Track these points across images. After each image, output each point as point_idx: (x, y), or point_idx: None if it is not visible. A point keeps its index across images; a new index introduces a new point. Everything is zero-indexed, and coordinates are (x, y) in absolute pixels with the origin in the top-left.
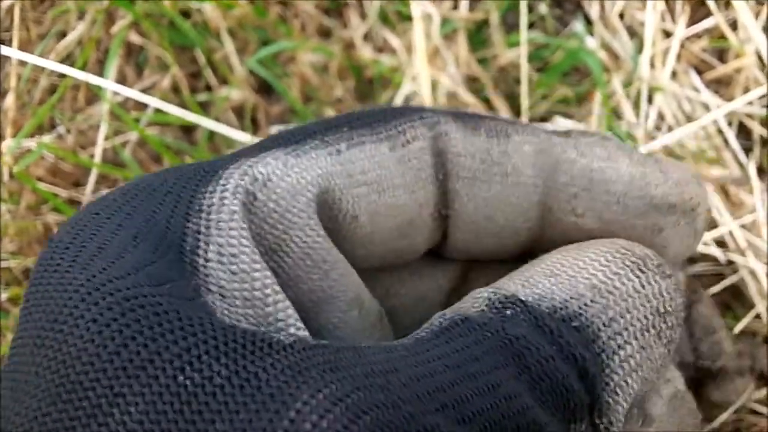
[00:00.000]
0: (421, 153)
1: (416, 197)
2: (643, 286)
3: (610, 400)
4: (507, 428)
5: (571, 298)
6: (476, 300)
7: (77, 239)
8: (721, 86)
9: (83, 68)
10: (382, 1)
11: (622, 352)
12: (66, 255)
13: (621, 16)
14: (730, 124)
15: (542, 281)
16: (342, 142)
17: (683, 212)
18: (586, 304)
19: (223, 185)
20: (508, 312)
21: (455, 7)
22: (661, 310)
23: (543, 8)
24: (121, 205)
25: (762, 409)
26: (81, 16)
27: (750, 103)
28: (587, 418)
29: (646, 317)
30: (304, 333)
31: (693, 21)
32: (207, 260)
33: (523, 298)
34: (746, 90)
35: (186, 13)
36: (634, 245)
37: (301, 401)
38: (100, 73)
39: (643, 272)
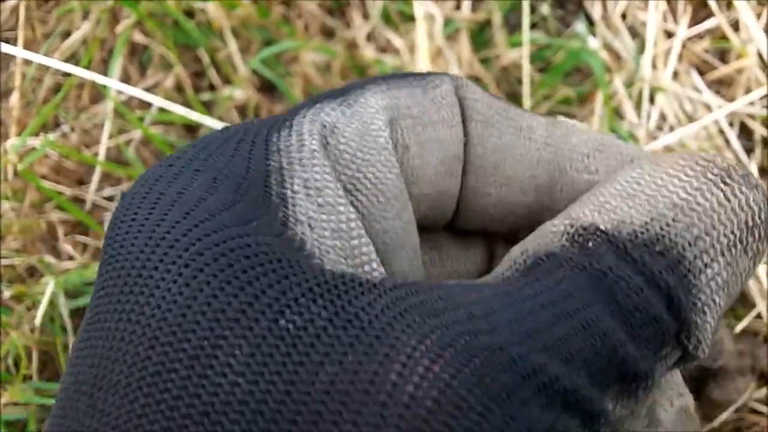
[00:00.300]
0: (449, 94)
1: (455, 132)
2: (728, 199)
3: (698, 320)
4: (604, 365)
5: (652, 219)
6: (555, 234)
7: (154, 189)
8: (723, 86)
9: (88, 67)
10: (385, 1)
11: (709, 271)
12: (143, 205)
13: (623, 16)
14: (731, 124)
15: (620, 205)
16: (383, 85)
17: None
18: (668, 224)
19: (297, 130)
20: (590, 244)
21: (458, 7)
22: (750, 223)
23: (545, 9)
24: (196, 154)
25: (762, 408)
26: (85, 15)
27: (751, 103)
28: (674, 342)
29: (733, 232)
30: (382, 272)
31: (695, 21)
32: (294, 192)
33: (602, 228)
34: (748, 90)
35: (190, 13)
36: (716, 157)
37: (410, 346)
38: (105, 72)
39: (727, 184)
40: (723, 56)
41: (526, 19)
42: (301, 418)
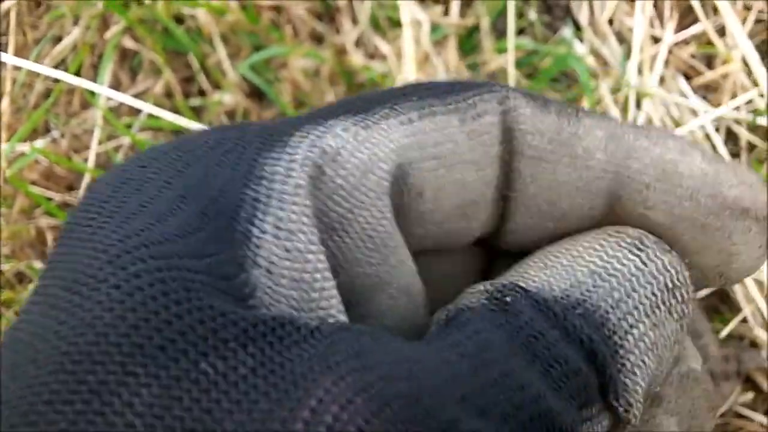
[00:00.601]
0: (491, 128)
1: (483, 175)
2: (645, 264)
3: (628, 381)
4: (523, 418)
5: (571, 286)
6: (473, 294)
7: (118, 193)
8: (710, 92)
9: (77, 73)
10: (373, 7)
11: (635, 332)
12: (103, 210)
13: (610, 22)
14: (717, 129)
15: (537, 274)
16: (413, 111)
17: (755, 219)
18: (588, 290)
19: (290, 154)
20: (509, 299)
21: (446, 12)
22: (669, 285)
23: (532, 14)
24: (172, 160)
25: (748, 412)
26: (76, 21)
27: (737, 108)
28: (600, 402)
29: (654, 294)
30: (343, 320)
31: (681, 27)
32: (263, 232)
33: (522, 286)
34: (734, 96)
35: (179, 19)
36: (626, 228)
37: (323, 388)
38: (95, 77)
39: (641, 250)
40: (709, 62)
41: (511, 25)
42: None
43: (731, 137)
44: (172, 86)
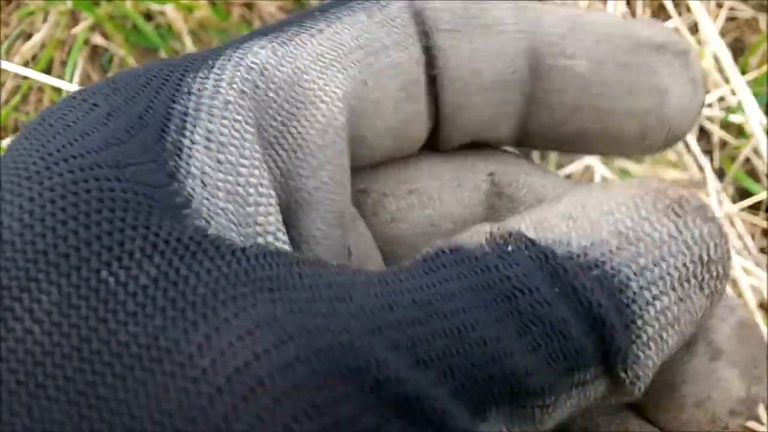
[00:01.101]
0: (400, 12)
1: (410, 54)
2: (680, 231)
3: (641, 354)
4: (476, 376)
5: (593, 244)
6: (477, 232)
7: (46, 120)
8: None
9: (48, 70)
10: None
11: (658, 303)
12: (31, 134)
13: None
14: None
15: (559, 224)
16: (320, 22)
17: (674, 53)
18: (611, 251)
19: (218, 74)
20: (510, 248)
21: None
22: (704, 258)
23: None
24: (102, 87)
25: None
26: (46, 17)
27: (709, 105)
28: (598, 368)
29: (685, 265)
30: (282, 242)
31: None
32: (193, 142)
33: (530, 237)
34: (706, 92)
35: (149, 16)
36: (668, 185)
37: (223, 317)
38: (66, 75)
39: (679, 216)
40: None
41: None
42: (81, 377)
43: (704, 135)
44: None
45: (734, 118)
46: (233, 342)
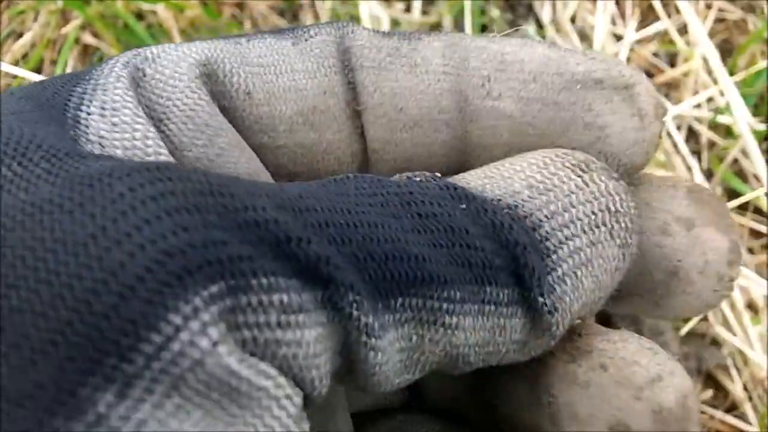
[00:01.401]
0: (324, 44)
1: (318, 83)
2: (587, 184)
3: (557, 287)
4: (370, 251)
5: (506, 194)
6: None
7: None
8: (672, 89)
9: (37, 69)
10: (334, 3)
11: (570, 243)
12: None
13: (572, 19)
14: (679, 128)
15: (473, 179)
16: (243, 38)
17: (614, 88)
18: (523, 199)
19: (113, 61)
20: (418, 179)
21: (407, 9)
22: (612, 208)
23: (494, 12)
24: (29, 85)
25: (709, 410)
26: (37, 16)
27: (698, 106)
28: (513, 289)
29: (593, 212)
30: None
31: (643, 25)
32: (89, 114)
33: (437, 173)
34: (695, 93)
35: (141, 15)
36: (575, 151)
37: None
38: (56, 74)
39: (585, 171)
40: (672, 60)
41: (468, 23)
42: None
43: (692, 135)
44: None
45: (722, 119)
46: (110, 183)
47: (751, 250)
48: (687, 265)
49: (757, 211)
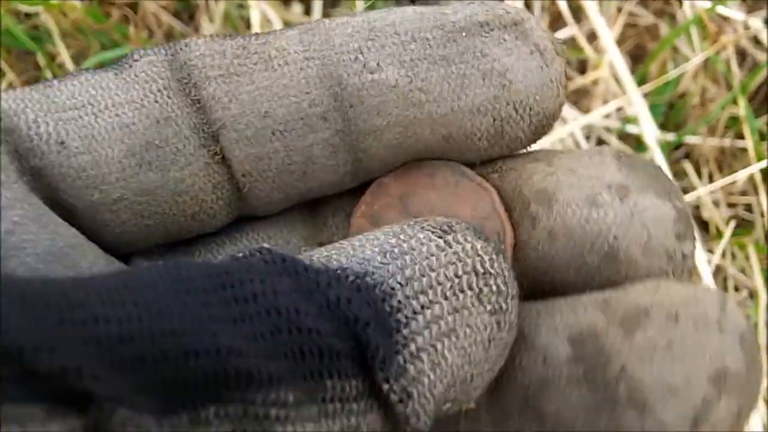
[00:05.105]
0: (149, 66)
1: (148, 112)
2: (449, 245)
3: (410, 367)
4: (164, 355)
5: (353, 262)
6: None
7: None
8: (582, 98)
9: None
10: (228, 5)
11: (427, 312)
12: None
13: None
14: (588, 137)
15: (319, 253)
16: (54, 81)
17: (503, 27)
18: (374, 266)
19: None
20: (241, 255)
21: (307, 12)
22: (480, 270)
23: None
24: None
25: None
26: None
27: (607, 116)
28: (361, 380)
29: (458, 275)
30: None
31: (553, 30)
32: None
33: (268, 247)
34: (605, 102)
35: (29, 16)
36: (435, 217)
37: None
38: None
39: (447, 232)
40: (582, 67)
41: None
42: None
43: (601, 145)
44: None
45: (631, 129)
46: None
47: None
48: (625, 243)
49: None
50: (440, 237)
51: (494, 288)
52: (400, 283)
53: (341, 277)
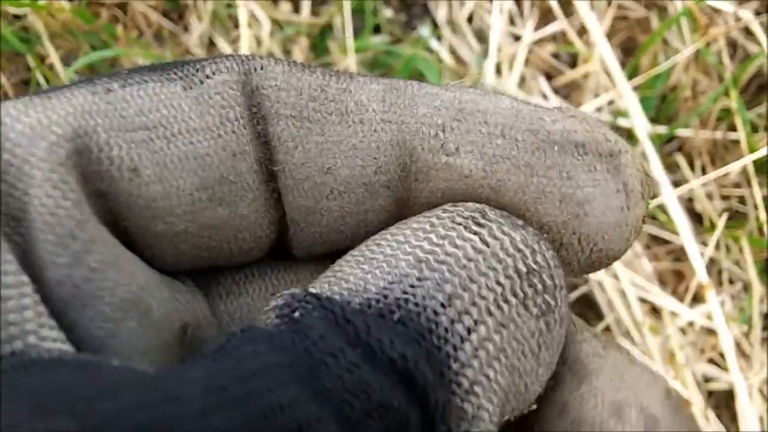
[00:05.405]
0: (225, 87)
1: (224, 143)
2: (486, 243)
3: (467, 406)
4: None
5: (391, 282)
6: (267, 311)
7: None
8: (572, 91)
9: None
10: (216, 4)
11: (474, 337)
12: None
13: (469, 19)
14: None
15: (353, 271)
16: (115, 82)
17: (598, 155)
18: (412, 285)
19: None
20: (297, 314)
21: (296, 10)
22: (523, 269)
23: (389, 12)
24: None
25: None
26: None
27: (599, 109)
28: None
29: (499, 282)
30: (49, 339)
31: (543, 25)
32: None
33: (314, 292)
34: (596, 95)
35: (18, 17)
36: (465, 203)
37: None
38: None
39: (481, 225)
40: (574, 60)
41: (349, 28)
42: None
43: None
44: (6, 89)
45: (623, 122)
46: None
47: (656, 257)
48: None
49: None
50: (475, 233)
51: (539, 287)
52: (442, 305)
53: (382, 316)
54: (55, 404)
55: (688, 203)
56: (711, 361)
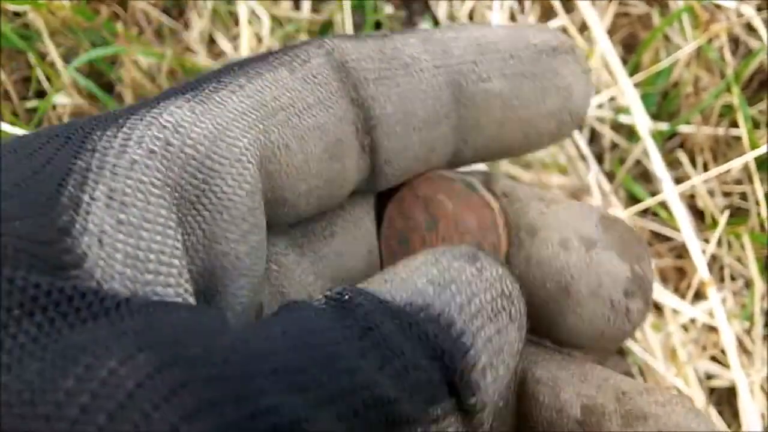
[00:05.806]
0: (321, 68)
1: (335, 112)
2: (480, 271)
3: (481, 383)
4: (355, 403)
5: (413, 294)
6: (315, 300)
7: None
8: None
9: None
10: (215, 2)
11: (483, 333)
12: None
13: (470, 16)
14: (581, 129)
15: (379, 289)
16: (240, 78)
17: (566, 51)
18: (430, 295)
19: (127, 133)
20: (347, 296)
21: (296, 7)
22: (506, 292)
23: (389, 8)
24: (5, 147)
25: None
26: None
27: (600, 106)
28: (448, 402)
29: (494, 299)
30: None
31: (544, 21)
32: (93, 198)
33: (362, 287)
34: (597, 92)
35: (17, 15)
36: (458, 246)
37: (97, 354)
38: None
39: (476, 259)
40: None
41: (349, 24)
42: None
43: (595, 137)
44: (7, 87)
45: (624, 119)
46: (114, 370)
47: (659, 254)
48: (579, 284)
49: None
50: (471, 263)
51: (517, 307)
52: (456, 311)
53: (416, 314)
54: (177, 339)
55: (690, 200)
56: (713, 358)
